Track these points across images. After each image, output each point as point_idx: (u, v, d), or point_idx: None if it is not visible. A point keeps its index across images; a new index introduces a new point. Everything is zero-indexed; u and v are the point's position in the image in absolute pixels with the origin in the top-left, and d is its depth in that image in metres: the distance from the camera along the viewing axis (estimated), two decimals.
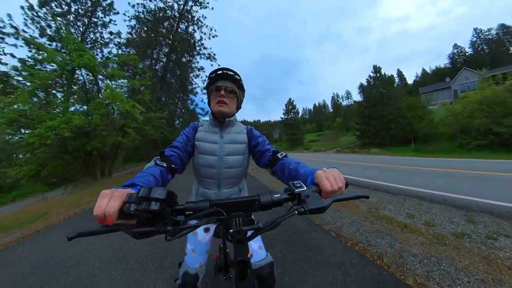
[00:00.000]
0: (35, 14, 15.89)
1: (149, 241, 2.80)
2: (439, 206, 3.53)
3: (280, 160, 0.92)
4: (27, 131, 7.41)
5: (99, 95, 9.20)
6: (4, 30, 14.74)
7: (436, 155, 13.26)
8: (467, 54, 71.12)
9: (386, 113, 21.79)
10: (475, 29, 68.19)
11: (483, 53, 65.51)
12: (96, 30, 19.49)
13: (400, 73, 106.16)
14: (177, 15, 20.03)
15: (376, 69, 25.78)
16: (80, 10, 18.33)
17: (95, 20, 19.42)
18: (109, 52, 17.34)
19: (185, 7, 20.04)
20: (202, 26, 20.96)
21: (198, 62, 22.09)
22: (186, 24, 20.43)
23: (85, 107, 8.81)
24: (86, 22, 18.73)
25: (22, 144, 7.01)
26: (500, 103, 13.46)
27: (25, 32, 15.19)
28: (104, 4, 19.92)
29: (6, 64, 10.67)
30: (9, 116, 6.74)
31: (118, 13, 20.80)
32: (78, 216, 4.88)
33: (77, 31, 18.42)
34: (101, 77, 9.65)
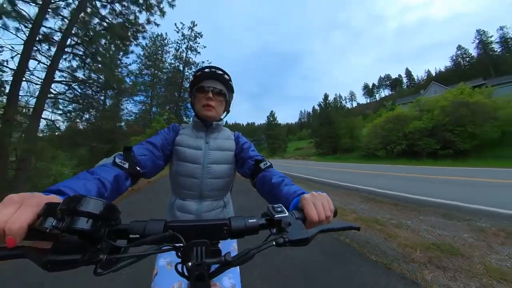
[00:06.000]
0: None
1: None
2: (314, 184, 7.58)
3: (262, 170, 0.86)
4: None
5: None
6: None
7: (345, 161, 22.25)
8: (471, 56, 73.01)
9: (327, 131, 31.32)
10: (478, 31, 70.11)
11: (491, 54, 66.57)
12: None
13: (408, 73, 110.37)
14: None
15: (326, 96, 35.22)
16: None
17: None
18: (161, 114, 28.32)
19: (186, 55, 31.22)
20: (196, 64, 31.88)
21: None
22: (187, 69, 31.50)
23: None
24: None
25: None
26: (380, 128, 22.11)
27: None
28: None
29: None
30: None
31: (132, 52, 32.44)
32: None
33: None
34: None
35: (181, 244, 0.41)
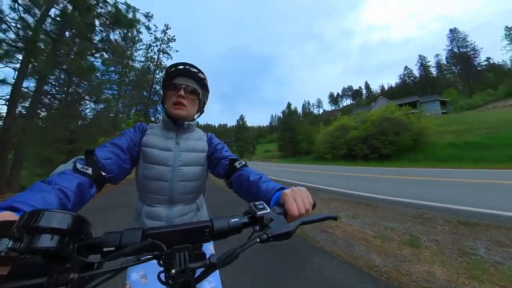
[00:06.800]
0: None
1: None
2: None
3: (238, 169, 0.85)
4: None
5: None
6: None
7: (300, 162, 25.60)
8: (414, 76, 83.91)
9: (289, 136, 35.70)
10: (420, 56, 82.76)
11: (429, 75, 77.87)
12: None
13: (367, 86, 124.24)
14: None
15: (289, 105, 39.79)
16: None
17: None
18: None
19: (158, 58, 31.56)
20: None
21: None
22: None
23: None
24: None
25: None
26: (329, 135, 26.15)
27: None
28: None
29: None
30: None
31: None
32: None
33: None
34: None
35: (162, 252, 0.39)
